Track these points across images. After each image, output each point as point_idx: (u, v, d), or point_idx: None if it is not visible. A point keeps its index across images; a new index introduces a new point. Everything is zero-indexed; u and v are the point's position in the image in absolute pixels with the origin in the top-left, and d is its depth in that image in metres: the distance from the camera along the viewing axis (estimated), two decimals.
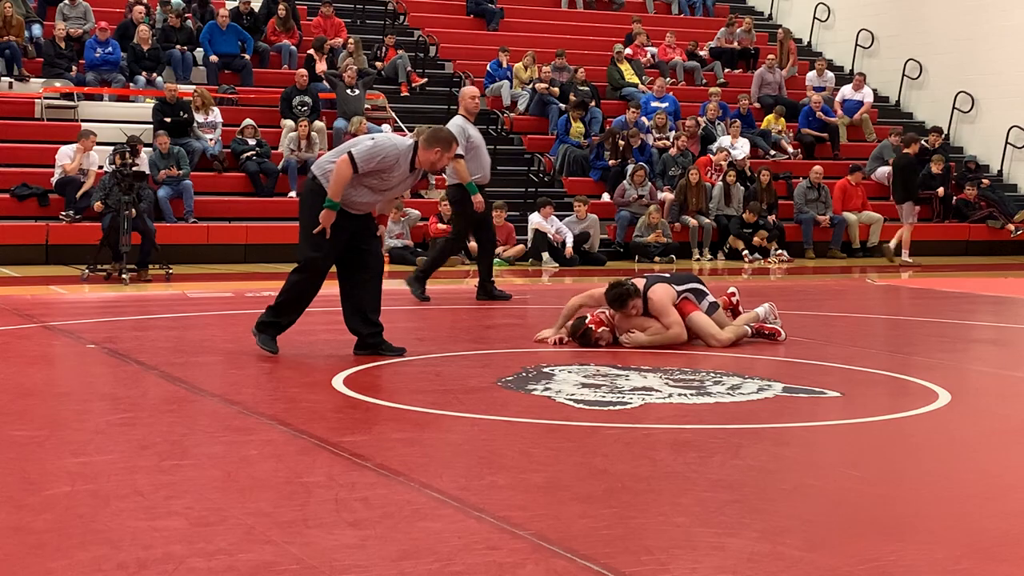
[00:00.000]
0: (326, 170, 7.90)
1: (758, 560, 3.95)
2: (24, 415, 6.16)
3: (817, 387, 7.22)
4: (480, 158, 11.81)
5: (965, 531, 4.39)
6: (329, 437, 5.63)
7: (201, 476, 4.98)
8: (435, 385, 7.23)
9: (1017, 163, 22.77)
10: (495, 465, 5.20)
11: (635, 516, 4.45)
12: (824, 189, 19.95)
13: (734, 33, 24.69)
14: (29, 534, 4.12)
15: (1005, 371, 8.50)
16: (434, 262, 12.16)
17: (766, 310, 9.29)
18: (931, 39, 23.96)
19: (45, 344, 8.89)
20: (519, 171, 19.95)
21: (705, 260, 18.68)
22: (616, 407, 6.49)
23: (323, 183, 7.85)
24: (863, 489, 4.96)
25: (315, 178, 7.96)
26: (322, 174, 7.93)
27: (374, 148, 7.80)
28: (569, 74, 21.45)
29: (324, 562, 3.86)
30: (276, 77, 20.33)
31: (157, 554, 3.92)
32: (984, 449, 5.92)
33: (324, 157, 8.19)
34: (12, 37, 18.97)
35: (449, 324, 10.68)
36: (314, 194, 7.91)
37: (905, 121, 23.82)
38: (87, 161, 16.37)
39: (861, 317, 11.63)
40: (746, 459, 5.38)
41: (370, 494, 4.66)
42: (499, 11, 24.15)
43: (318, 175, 7.93)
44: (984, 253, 20.66)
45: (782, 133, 21.99)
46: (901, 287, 15.02)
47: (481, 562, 3.88)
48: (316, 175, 7.96)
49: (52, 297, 12.52)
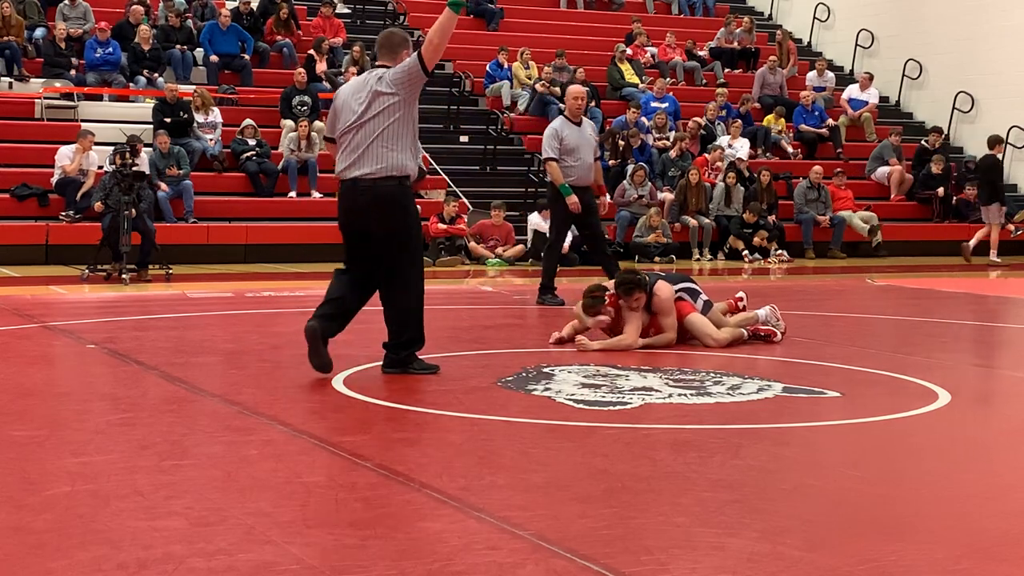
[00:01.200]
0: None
1: (758, 560, 3.95)
2: (24, 415, 6.16)
3: (817, 387, 7.22)
4: (577, 161, 11.41)
5: (965, 531, 4.39)
6: (329, 437, 5.63)
7: (201, 476, 4.98)
8: (435, 385, 7.23)
9: (1017, 163, 22.77)
10: (495, 465, 5.20)
11: (635, 516, 4.45)
12: (824, 189, 19.96)
13: (734, 33, 24.70)
14: (29, 534, 4.12)
15: (1005, 371, 8.50)
16: (547, 273, 11.81)
17: (767, 313, 9.29)
18: (931, 39, 23.96)
19: (45, 344, 8.89)
20: (519, 171, 19.95)
21: (705, 260, 18.68)
22: (616, 407, 6.49)
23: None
24: (863, 489, 4.96)
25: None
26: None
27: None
28: (569, 74, 21.45)
29: (324, 562, 3.86)
30: (276, 77, 20.33)
31: (157, 554, 3.91)
32: (984, 449, 5.92)
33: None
34: (12, 37, 18.98)
35: (449, 324, 10.67)
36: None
37: (905, 121, 23.83)
38: (86, 161, 16.37)
39: (861, 317, 11.63)
40: (746, 459, 5.38)
41: (370, 494, 4.66)
42: (499, 11, 24.16)
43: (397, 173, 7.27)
44: (984, 253, 20.63)
45: (782, 133, 21.99)
46: (901, 287, 15.02)
47: (481, 562, 3.88)
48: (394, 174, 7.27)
49: (52, 297, 12.52)
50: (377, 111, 7.15)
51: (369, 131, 7.16)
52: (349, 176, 7.22)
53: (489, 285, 14.60)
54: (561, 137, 11.43)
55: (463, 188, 18.89)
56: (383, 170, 7.13)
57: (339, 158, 7.30)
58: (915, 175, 21.51)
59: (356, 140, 7.18)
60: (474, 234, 17.45)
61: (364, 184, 7.16)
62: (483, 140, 20.31)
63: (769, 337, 9.16)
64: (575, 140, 11.40)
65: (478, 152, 20.18)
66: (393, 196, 7.17)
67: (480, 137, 20.42)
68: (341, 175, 7.28)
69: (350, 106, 7.25)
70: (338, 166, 7.30)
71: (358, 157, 7.17)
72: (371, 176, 7.14)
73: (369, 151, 7.13)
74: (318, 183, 18.05)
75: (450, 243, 17.22)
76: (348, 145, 7.22)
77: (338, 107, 7.35)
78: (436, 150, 19.68)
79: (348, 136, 7.22)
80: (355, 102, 7.23)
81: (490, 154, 20.13)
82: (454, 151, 20.13)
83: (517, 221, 18.03)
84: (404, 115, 7.16)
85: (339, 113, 7.33)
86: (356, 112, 7.20)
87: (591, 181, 11.56)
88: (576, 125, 11.49)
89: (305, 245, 17.05)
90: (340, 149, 7.29)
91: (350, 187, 7.23)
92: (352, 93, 7.32)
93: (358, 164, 7.17)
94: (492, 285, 14.60)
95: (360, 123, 7.18)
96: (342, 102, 7.33)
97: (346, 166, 7.23)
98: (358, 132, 7.20)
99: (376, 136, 7.14)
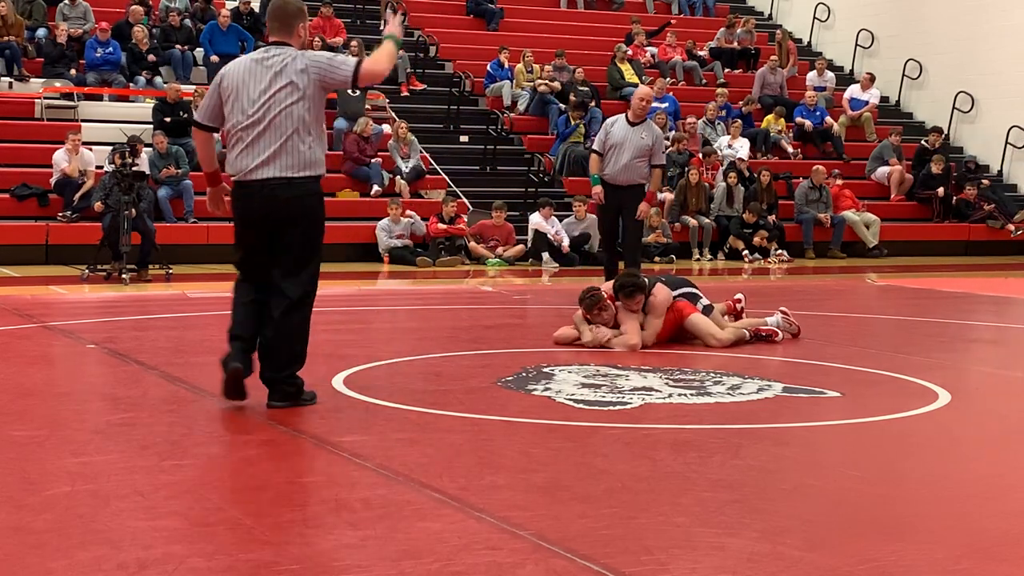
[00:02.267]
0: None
1: (758, 560, 3.95)
2: (24, 415, 6.16)
3: (817, 387, 7.22)
4: (614, 157, 11.30)
5: (965, 531, 4.39)
6: (329, 437, 5.63)
7: (201, 476, 4.98)
8: (435, 385, 7.23)
9: (1017, 163, 22.77)
10: (495, 465, 5.20)
11: (635, 516, 4.45)
12: (825, 189, 19.96)
13: (734, 33, 24.70)
14: (29, 534, 4.12)
15: (1005, 371, 8.50)
16: (608, 273, 11.53)
17: (777, 320, 9.31)
18: (931, 39, 23.96)
19: (45, 344, 8.89)
20: (519, 171, 19.95)
21: (705, 260, 18.67)
22: (616, 407, 6.49)
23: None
24: (863, 489, 4.96)
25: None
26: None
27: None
28: (569, 74, 21.45)
29: (324, 562, 3.86)
30: None
31: (157, 554, 3.91)
32: (984, 449, 5.92)
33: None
34: (12, 37, 18.98)
35: (449, 324, 10.68)
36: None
37: (905, 121, 23.83)
38: (82, 161, 16.36)
39: (861, 317, 11.63)
40: (746, 459, 5.38)
41: (370, 494, 4.66)
42: (499, 11, 24.16)
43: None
44: (984, 253, 20.66)
45: (782, 133, 21.99)
46: (901, 287, 15.02)
47: (481, 562, 3.88)
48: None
49: (52, 297, 12.52)
50: (292, 101, 6.17)
51: (282, 124, 6.17)
52: (258, 177, 6.19)
53: (489, 285, 14.60)
54: (608, 131, 11.41)
55: (463, 188, 18.89)
56: (301, 169, 6.20)
57: (238, 154, 6.24)
58: (915, 175, 21.50)
59: (266, 134, 6.17)
60: (474, 234, 17.45)
61: (277, 186, 6.17)
62: (483, 140, 20.31)
63: (770, 337, 9.17)
64: (618, 138, 11.30)
65: (478, 152, 20.19)
66: (313, 200, 6.30)
67: (480, 137, 20.42)
68: (245, 176, 6.22)
69: (249, 93, 6.22)
70: (237, 163, 6.24)
71: (272, 154, 6.15)
72: (287, 177, 6.17)
73: (285, 148, 6.16)
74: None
75: (450, 243, 17.23)
76: (252, 139, 6.19)
77: (227, 91, 6.29)
78: (436, 150, 19.68)
79: (251, 129, 6.19)
80: (257, 88, 6.21)
81: (490, 154, 20.13)
82: (454, 151, 20.13)
83: (518, 221, 18.03)
84: (319, 106, 6.30)
85: (230, 99, 6.27)
86: (260, 101, 6.19)
87: (625, 180, 11.32)
88: (632, 125, 11.36)
89: None
90: (238, 143, 6.24)
91: (258, 190, 6.19)
92: (250, 76, 6.26)
93: (271, 163, 6.16)
94: (492, 285, 14.60)
95: (269, 114, 6.17)
96: (235, 86, 6.26)
97: (254, 164, 6.18)
98: (267, 125, 6.17)
99: (293, 130, 6.17)
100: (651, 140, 11.32)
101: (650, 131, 11.41)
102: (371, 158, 18.47)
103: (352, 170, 18.35)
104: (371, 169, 18.32)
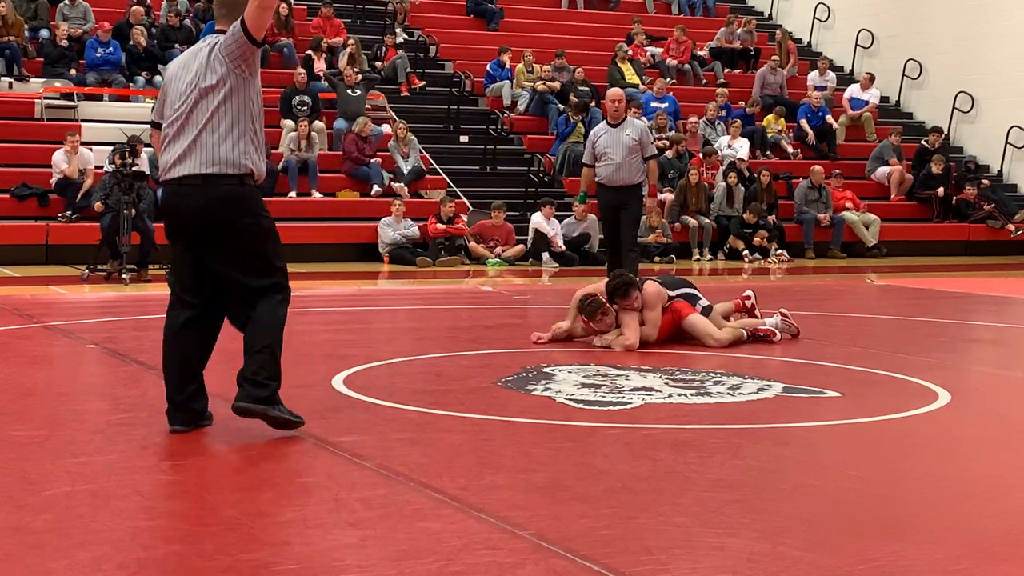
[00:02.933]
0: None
1: (758, 560, 3.95)
2: (24, 415, 6.16)
3: (817, 387, 7.22)
4: (607, 161, 11.41)
5: (965, 531, 4.39)
6: (329, 437, 5.63)
7: (201, 476, 4.99)
8: (435, 385, 7.23)
9: (1017, 163, 22.77)
10: (495, 465, 5.20)
11: (635, 516, 4.45)
12: (825, 189, 19.95)
13: (734, 33, 24.69)
14: (29, 534, 4.12)
15: (1005, 371, 8.50)
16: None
17: (776, 322, 9.32)
18: (931, 39, 23.96)
19: (45, 344, 8.89)
20: (519, 171, 19.95)
21: (705, 260, 18.67)
22: (616, 407, 6.49)
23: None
24: (863, 489, 4.96)
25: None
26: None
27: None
28: (569, 74, 21.45)
29: (324, 562, 3.86)
30: (276, 77, 20.33)
31: (157, 554, 3.92)
32: (984, 449, 5.92)
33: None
34: (12, 37, 18.98)
35: (449, 324, 10.68)
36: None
37: (905, 121, 23.83)
38: (81, 161, 16.36)
39: (861, 317, 11.63)
40: (746, 459, 5.38)
41: (370, 494, 4.66)
42: (499, 11, 24.16)
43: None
44: (984, 253, 20.65)
45: (782, 133, 21.99)
46: (901, 287, 15.02)
47: (481, 562, 3.88)
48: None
49: (52, 297, 12.52)
50: (206, 90, 5.57)
51: (197, 117, 5.58)
52: (173, 175, 5.62)
53: (489, 285, 14.60)
54: (594, 142, 11.60)
55: (463, 188, 18.89)
56: (216, 167, 5.55)
57: (163, 151, 5.70)
58: (915, 175, 21.50)
59: (183, 129, 5.60)
60: (474, 234, 17.45)
61: (191, 185, 5.57)
62: (483, 140, 20.31)
63: (768, 337, 9.17)
64: (606, 142, 11.47)
65: (478, 152, 20.18)
66: (231, 200, 5.57)
67: (480, 137, 20.42)
68: (165, 174, 5.68)
69: (177, 86, 5.67)
70: (161, 161, 5.72)
71: (185, 150, 5.57)
72: (200, 175, 5.56)
73: (198, 143, 5.55)
74: (319, 183, 18.05)
75: (450, 243, 17.23)
76: (172, 134, 5.65)
77: (166, 86, 5.77)
78: (436, 150, 19.68)
79: (174, 124, 5.64)
80: (183, 80, 5.65)
81: (490, 154, 20.12)
82: (454, 151, 20.13)
83: (518, 221, 18.04)
84: (240, 96, 5.58)
85: (167, 94, 5.74)
86: (184, 93, 5.62)
87: (622, 181, 11.41)
88: (613, 127, 11.52)
89: (305, 245, 17.04)
90: (165, 139, 5.70)
91: (175, 190, 5.63)
92: (181, 67, 5.71)
93: (185, 159, 5.57)
94: (492, 285, 14.60)
95: (187, 106, 5.60)
96: (170, 79, 5.75)
97: (171, 162, 5.62)
98: (185, 118, 5.61)
99: (206, 123, 5.56)
100: (637, 135, 11.47)
101: (634, 127, 11.58)
102: (371, 158, 18.48)
103: (352, 170, 18.35)
104: (371, 169, 18.32)
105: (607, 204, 11.56)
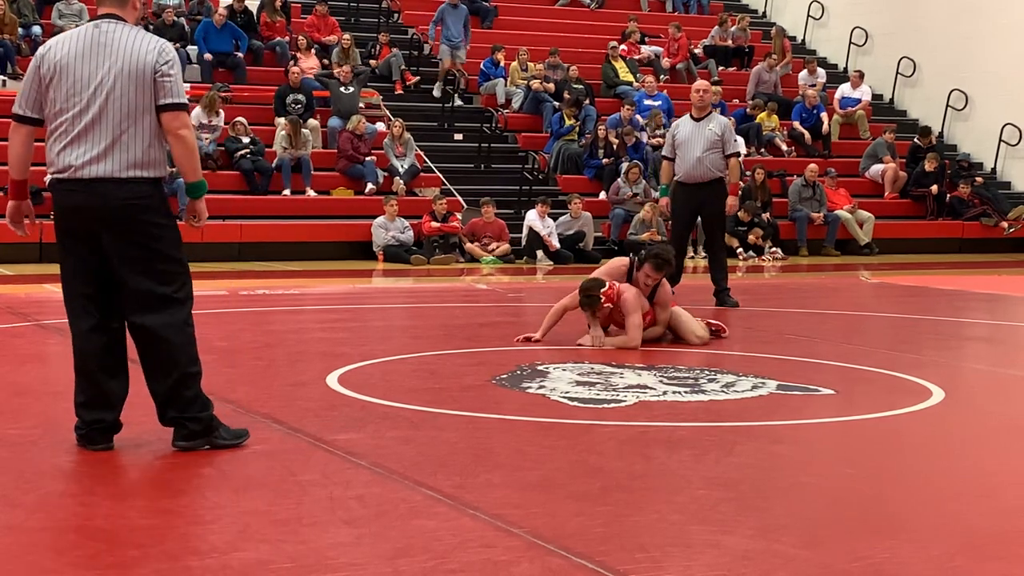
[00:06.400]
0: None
1: (753, 558, 3.95)
2: (18, 414, 6.16)
3: (811, 385, 7.23)
4: (686, 155, 11.12)
5: (959, 528, 4.40)
6: (323, 435, 5.63)
7: (195, 474, 4.98)
8: (430, 383, 7.23)
9: (1010, 161, 22.80)
10: (490, 463, 5.20)
11: (630, 514, 4.45)
12: (819, 187, 19.98)
13: (728, 31, 24.70)
14: (23, 533, 4.12)
15: (998, 368, 8.51)
16: (672, 278, 10.69)
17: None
18: (925, 37, 23.99)
19: (39, 342, 8.88)
20: (513, 169, 19.95)
21: (699, 258, 18.67)
22: (611, 405, 6.49)
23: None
24: (857, 487, 4.97)
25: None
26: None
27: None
28: (563, 72, 21.45)
29: (319, 560, 3.86)
30: (270, 75, 20.32)
31: (152, 552, 3.92)
32: (978, 446, 5.93)
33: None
34: (6, 35, 18.95)
35: (444, 322, 10.68)
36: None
37: (899, 119, 23.85)
38: None
39: (855, 315, 11.64)
40: (740, 457, 5.39)
41: (365, 492, 4.66)
42: (493, 9, 24.15)
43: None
44: (977, 251, 20.68)
45: (776, 131, 22.00)
46: (894, 285, 15.04)
47: (476, 560, 3.88)
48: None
49: (46, 295, 12.50)
50: (132, 93, 5.19)
51: (115, 117, 5.17)
52: (86, 175, 5.17)
53: (484, 283, 14.60)
54: (675, 133, 11.32)
55: (457, 186, 18.88)
56: (135, 169, 5.22)
57: (62, 148, 5.21)
58: (909, 173, 21.53)
59: (96, 126, 5.16)
60: (467, 234, 17.44)
61: (108, 187, 5.18)
62: (477, 138, 20.31)
63: (719, 333, 9.20)
64: (686, 135, 11.16)
65: (472, 150, 20.18)
66: (150, 204, 5.33)
67: (474, 135, 20.42)
68: (70, 173, 5.19)
69: (75, 76, 5.19)
70: (62, 159, 5.21)
71: (103, 151, 5.15)
72: (119, 178, 5.19)
73: (119, 144, 5.17)
74: (312, 181, 18.04)
75: (444, 241, 17.22)
76: (77, 131, 5.19)
77: (50, 73, 5.22)
78: (430, 148, 19.68)
79: (81, 118, 5.18)
80: (83, 71, 5.18)
81: (484, 152, 20.12)
82: (448, 149, 20.12)
83: (512, 219, 18.03)
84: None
85: (53, 82, 5.22)
86: (89, 87, 5.16)
87: (701, 177, 11.09)
88: (696, 120, 11.19)
89: (299, 243, 17.04)
90: (59, 134, 5.22)
91: (85, 191, 5.19)
92: (77, 57, 5.20)
93: (102, 160, 5.16)
94: (487, 283, 14.60)
95: (97, 103, 5.16)
96: (61, 67, 5.20)
97: (80, 161, 5.18)
98: (97, 115, 5.17)
99: (131, 125, 5.20)
100: (719, 130, 11.11)
101: (717, 122, 11.21)
102: (365, 156, 18.47)
103: (346, 168, 18.35)
104: (365, 167, 18.32)
105: (684, 202, 11.23)
